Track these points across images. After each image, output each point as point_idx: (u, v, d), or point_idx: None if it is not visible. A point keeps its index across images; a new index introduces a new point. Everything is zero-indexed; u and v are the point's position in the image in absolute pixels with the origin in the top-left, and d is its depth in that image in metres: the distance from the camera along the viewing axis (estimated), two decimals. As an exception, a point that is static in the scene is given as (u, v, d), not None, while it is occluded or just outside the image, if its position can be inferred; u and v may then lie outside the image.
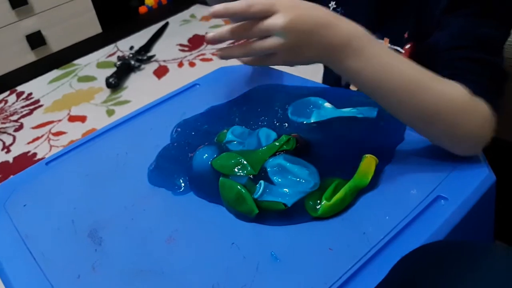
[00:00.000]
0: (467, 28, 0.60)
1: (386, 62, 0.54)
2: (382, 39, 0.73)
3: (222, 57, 0.59)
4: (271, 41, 0.54)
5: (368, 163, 0.59)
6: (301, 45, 0.54)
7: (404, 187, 0.57)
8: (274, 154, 0.60)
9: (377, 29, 0.73)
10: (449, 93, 0.55)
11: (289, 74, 0.84)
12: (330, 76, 0.89)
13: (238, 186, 0.57)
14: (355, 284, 0.47)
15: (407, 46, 0.69)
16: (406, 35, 0.69)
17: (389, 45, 0.72)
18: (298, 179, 0.58)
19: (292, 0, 0.55)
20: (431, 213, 0.53)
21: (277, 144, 0.60)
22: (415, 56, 0.68)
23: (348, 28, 0.54)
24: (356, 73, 0.54)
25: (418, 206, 0.54)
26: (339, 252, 0.51)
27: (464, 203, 0.54)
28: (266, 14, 0.53)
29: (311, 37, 0.53)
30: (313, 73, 0.90)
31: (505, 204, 0.61)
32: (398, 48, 0.70)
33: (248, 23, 0.55)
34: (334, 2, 0.80)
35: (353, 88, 0.81)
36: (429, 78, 0.55)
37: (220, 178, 0.60)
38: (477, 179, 0.56)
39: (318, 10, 0.55)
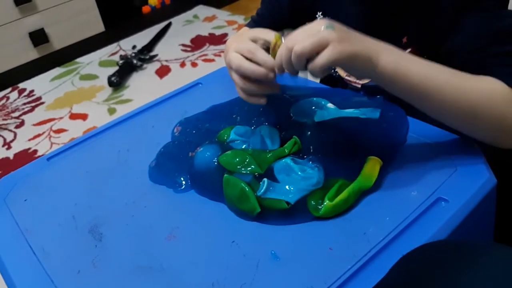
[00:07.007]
0: (486, 24, 0.60)
1: (421, 63, 0.57)
2: None
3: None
4: (323, 32, 0.54)
5: (373, 165, 0.59)
6: (348, 36, 0.55)
7: (405, 188, 0.57)
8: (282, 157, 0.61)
9: (371, 33, 0.72)
10: (488, 88, 0.57)
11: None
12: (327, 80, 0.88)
13: (242, 184, 0.57)
14: (355, 284, 0.48)
15: (407, 51, 0.69)
16: (405, 40, 0.69)
17: None
18: (301, 176, 0.58)
19: None
20: (431, 214, 0.53)
21: (286, 151, 0.62)
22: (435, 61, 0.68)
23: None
24: (394, 70, 0.56)
25: (418, 207, 0.54)
26: (339, 252, 0.51)
27: (464, 205, 0.54)
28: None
29: (353, 32, 0.56)
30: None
31: (505, 207, 0.61)
32: None
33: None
34: (321, 13, 0.79)
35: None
36: (464, 77, 0.57)
37: (225, 175, 0.60)
38: (478, 182, 0.56)
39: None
